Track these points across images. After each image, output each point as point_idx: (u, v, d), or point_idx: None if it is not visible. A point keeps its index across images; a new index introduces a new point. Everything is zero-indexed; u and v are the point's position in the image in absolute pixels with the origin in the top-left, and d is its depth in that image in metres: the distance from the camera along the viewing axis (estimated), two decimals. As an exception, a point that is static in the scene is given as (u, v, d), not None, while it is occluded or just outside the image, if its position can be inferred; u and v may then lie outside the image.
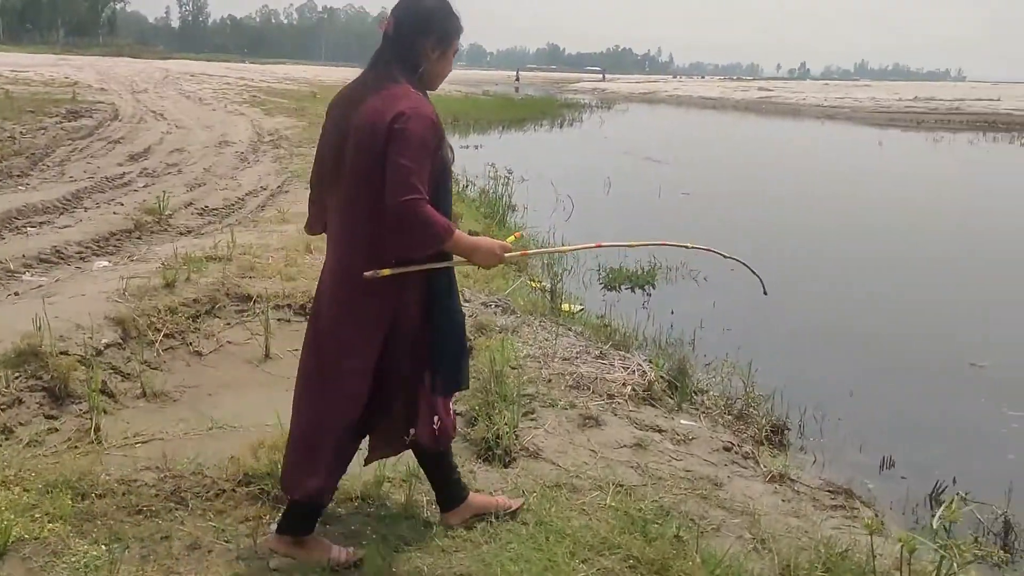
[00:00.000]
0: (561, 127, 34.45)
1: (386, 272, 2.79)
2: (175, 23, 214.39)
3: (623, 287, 9.05)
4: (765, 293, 3.54)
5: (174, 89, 33.16)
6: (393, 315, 2.91)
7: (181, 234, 8.96)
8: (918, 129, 38.91)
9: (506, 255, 2.93)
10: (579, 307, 8.14)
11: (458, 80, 63.39)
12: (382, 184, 2.69)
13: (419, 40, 2.87)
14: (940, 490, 4.71)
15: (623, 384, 4.97)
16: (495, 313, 6.17)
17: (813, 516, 4.04)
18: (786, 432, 5.38)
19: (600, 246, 3.42)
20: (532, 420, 4.49)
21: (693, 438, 4.64)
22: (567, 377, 5.06)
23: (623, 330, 7.28)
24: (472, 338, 5.50)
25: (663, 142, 28.25)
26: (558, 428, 4.38)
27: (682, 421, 4.90)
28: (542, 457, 4.09)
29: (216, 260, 6.78)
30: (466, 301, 6.44)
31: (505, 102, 43.66)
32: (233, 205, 11.03)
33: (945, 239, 13.15)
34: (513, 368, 4.95)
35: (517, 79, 79.32)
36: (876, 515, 4.43)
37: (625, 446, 4.37)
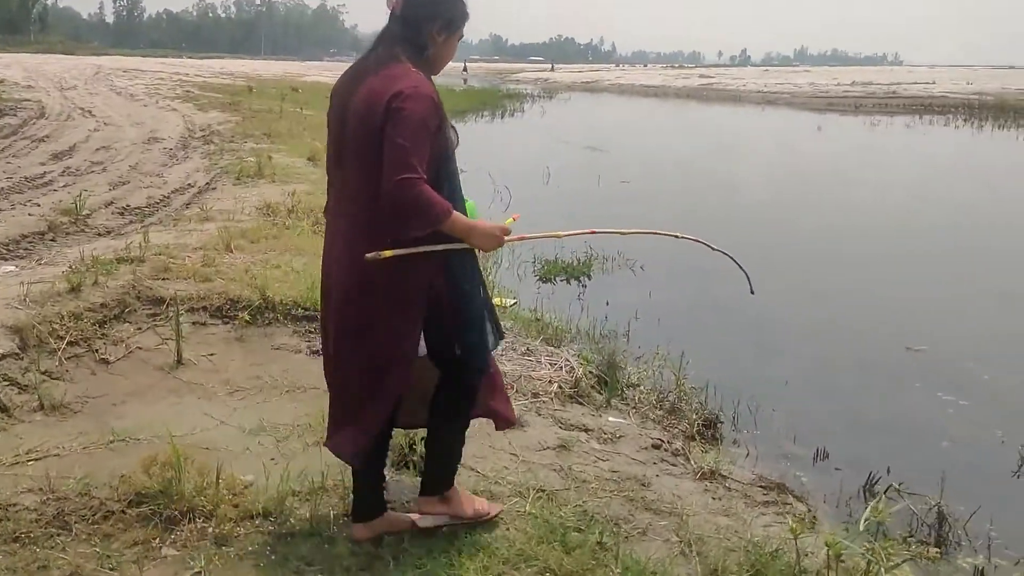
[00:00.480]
0: (503, 118, 34.24)
1: (387, 253, 2.75)
2: (109, 19, 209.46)
3: (558, 279, 8.87)
4: (752, 292, 3.50)
5: (105, 85, 32.30)
6: (428, 290, 2.93)
7: (99, 235, 8.59)
8: (856, 113, 39.40)
9: (506, 238, 2.90)
10: (512, 301, 7.95)
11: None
12: (381, 165, 2.67)
13: (426, 23, 2.86)
14: (874, 481, 4.61)
15: (549, 382, 4.79)
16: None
17: (744, 514, 3.91)
18: (719, 426, 5.26)
19: (594, 232, 3.42)
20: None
21: (621, 436, 4.49)
22: (490, 377, 4.85)
23: (555, 324, 7.11)
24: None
25: (604, 131, 28.22)
26: (477, 431, 4.17)
27: (610, 419, 4.74)
28: (460, 463, 3.88)
29: (127, 262, 6.46)
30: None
31: (447, 93, 43.23)
32: (158, 204, 10.67)
33: (882, 223, 13.21)
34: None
35: (465, 70, 79.23)
36: (809, 510, 4.34)
37: (549, 448, 4.19)
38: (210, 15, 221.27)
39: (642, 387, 5.63)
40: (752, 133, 31.60)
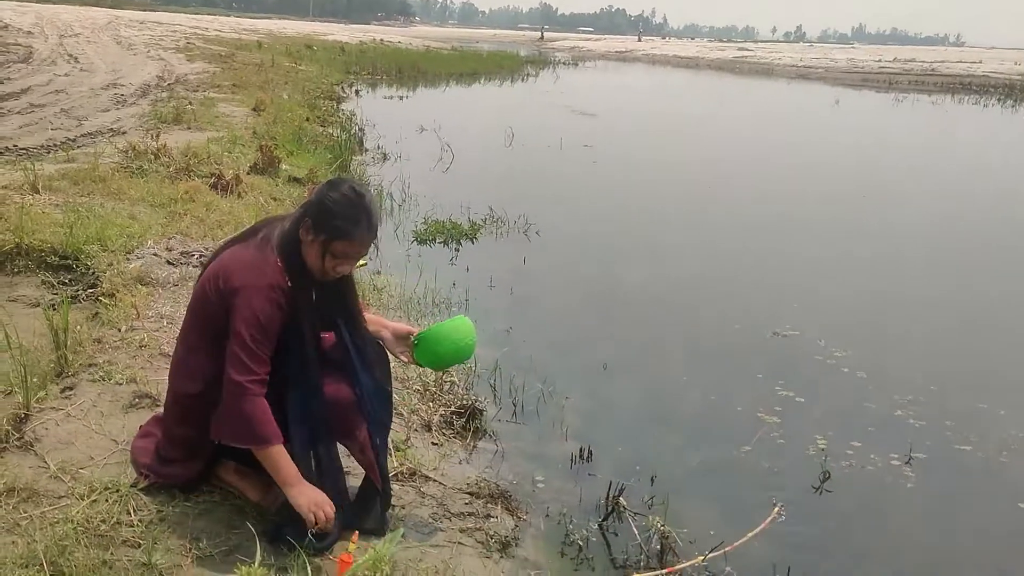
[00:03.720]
0: (512, 82, 33.22)
1: None
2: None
3: (436, 241, 7.99)
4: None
5: (110, 35, 31.88)
6: None
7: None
8: (889, 90, 37.72)
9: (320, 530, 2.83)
10: (361, 262, 7.08)
11: (485, 39, 61.68)
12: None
13: (303, 214, 2.83)
14: (619, 491, 3.71)
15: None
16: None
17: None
18: (480, 415, 4.37)
19: None
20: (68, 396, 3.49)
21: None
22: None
23: (391, 290, 6.29)
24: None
25: (605, 98, 27.13)
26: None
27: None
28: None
29: None
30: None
31: (464, 56, 42.34)
32: (56, 146, 10.00)
33: (779, 191, 12.01)
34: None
35: (542, 37, 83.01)
36: (517, 525, 3.44)
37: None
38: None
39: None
40: (762, 103, 30.21)
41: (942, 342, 6.08)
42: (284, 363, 2.85)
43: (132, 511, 2.93)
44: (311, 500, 2.77)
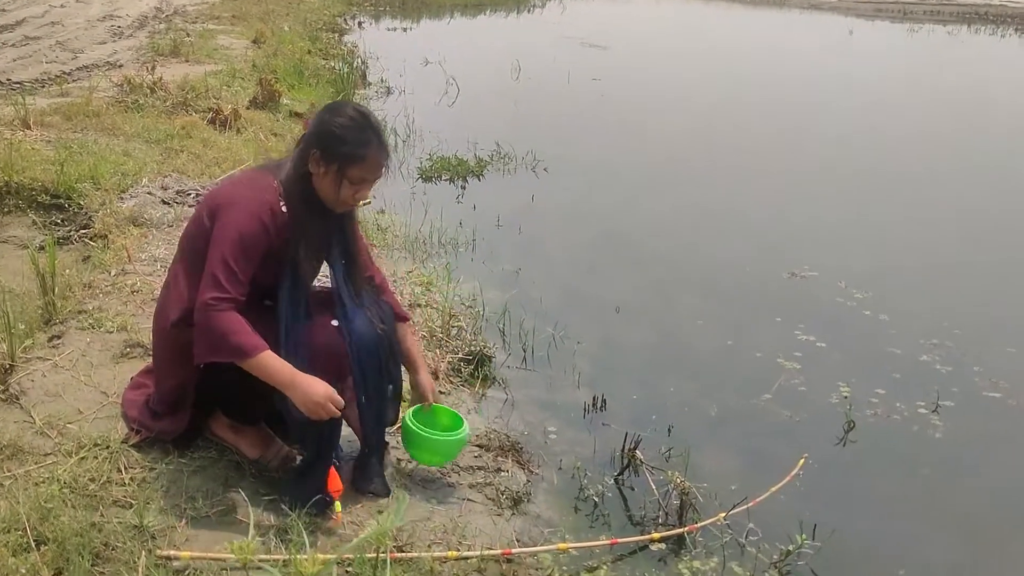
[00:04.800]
0: (518, 13, 32.42)
1: None
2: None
3: (442, 178, 7.74)
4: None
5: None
6: None
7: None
8: (903, 20, 36.78)
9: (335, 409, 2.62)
10: (366, 200, 6.86)
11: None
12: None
13: (309, 146, 2.67)
14: (635, 443, 3.54)
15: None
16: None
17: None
18: (489, 362, 4.20)
19: None
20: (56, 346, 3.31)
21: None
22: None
23: (395, 230, 6.08)
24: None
25: (613, 29, 26.45)
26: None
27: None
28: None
29: None
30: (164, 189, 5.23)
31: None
32: (50, 80, 9.72)
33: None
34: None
35: None
36: (529, 480, 3.29)
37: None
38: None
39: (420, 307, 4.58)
40: (771, 36, 29.45)
41: (968, 282, 5.84)
42: (275, 297, 2.71)
43: (123, 468, 2.78)
44: (312, 399, 2.56)
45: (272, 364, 2.54)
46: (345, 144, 2.62)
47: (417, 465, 3.12)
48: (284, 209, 2.67)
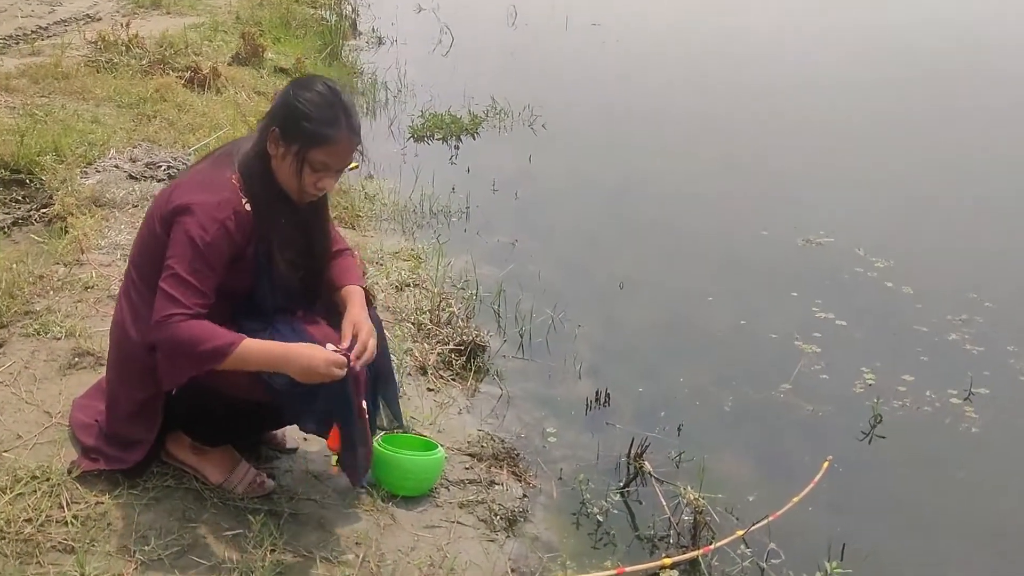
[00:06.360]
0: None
1: None
2: None
3: (434, 138, 7.33)
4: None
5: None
6: None
7: None
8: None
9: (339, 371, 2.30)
10: (352, 164, 6.46)
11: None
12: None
13: (268, 123, 2.35)
14: (642, 449, 3.22)
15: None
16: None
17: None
18: (482, 352, 3.86)
19: None
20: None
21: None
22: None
23: (383, 198, 5.72)
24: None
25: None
26: None
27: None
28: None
29: None
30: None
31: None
32: (25, 36, 9.27)
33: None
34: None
35: None
36: (526, 495, 2.98)
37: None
38: None
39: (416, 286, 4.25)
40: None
41: (998, 250, 5.43)
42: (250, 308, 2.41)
43: (65, 505, 2.46)
44: (313, 368, 2.28)
45: (257, 348, 2.26)
46: (308, 121, 2.28)
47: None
48: (248, 207, 2.30)
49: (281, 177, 2.35)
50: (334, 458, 2.48)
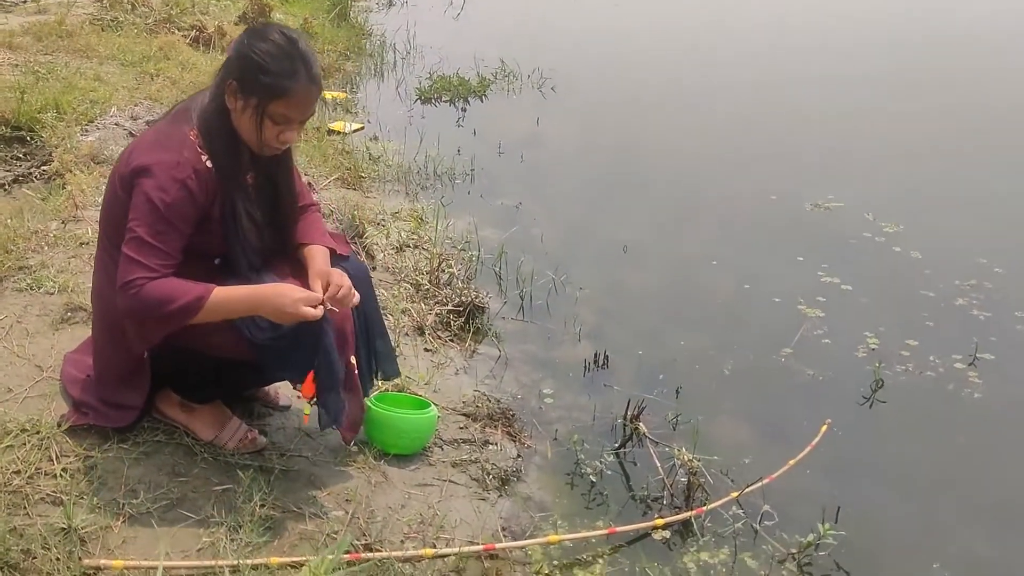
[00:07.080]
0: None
1: None
2: None
3: (442, 100, 7.26)
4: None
5: None
6: None
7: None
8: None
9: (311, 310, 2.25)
10: (357, 125, 6.44)
11: None
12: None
13: (224, 76, 2.28)
14: (638, 411, 3.19)
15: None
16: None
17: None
18: (481, 313, 3.84)
19: None
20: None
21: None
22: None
23: (388, 159, 5.67)
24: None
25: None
26: None
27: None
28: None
29: None
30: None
31: None
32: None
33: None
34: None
35: None
36: (520, 454, 2.97)
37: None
38: None
39: (408, 250, 4.22)
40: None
41: (1009, 215, 5.34)
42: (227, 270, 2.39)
43: (55, 458, 2.46)
44: (285, 308, 2.24)
45: (228, 295, 2.23)
46: (266, 74, 2.20)
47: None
48: (209, 164, 2.26)
49: (242, 131, 2.30)
50: (307, 407, 2.44)
